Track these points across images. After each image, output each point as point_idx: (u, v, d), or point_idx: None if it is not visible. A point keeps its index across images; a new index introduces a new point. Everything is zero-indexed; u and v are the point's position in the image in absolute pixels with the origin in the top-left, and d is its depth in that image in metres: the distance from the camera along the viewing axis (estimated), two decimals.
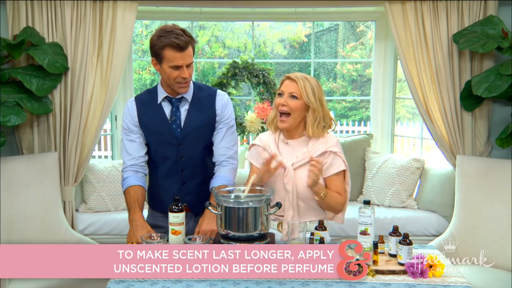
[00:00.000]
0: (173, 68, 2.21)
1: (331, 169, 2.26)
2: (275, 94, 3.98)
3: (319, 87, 2.29)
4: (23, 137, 3.45)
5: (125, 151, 2.39)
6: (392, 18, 3.46)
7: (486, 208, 3.21)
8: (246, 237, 2.01)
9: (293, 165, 2.25)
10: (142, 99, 2.39)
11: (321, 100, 2.28)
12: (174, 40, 2.15)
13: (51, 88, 3.32)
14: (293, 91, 2.24)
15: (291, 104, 2.24)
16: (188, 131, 2.33)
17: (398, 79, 4.17)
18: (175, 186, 2.36)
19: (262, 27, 9.67)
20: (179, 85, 2.26)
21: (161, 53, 2.19)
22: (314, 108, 2.24)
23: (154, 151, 2.39)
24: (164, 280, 1.85)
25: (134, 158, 2.37)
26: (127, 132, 2.38)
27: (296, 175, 2.25)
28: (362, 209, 2.05)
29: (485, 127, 3.48)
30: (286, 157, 2.29)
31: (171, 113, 2.35)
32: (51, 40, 3.37)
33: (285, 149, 2.32)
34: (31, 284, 2.84)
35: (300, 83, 2.23)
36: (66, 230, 3.34)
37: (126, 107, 2.40)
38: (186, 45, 2.18)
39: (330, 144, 2.27)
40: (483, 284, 2.77)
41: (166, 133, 2.33)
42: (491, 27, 3.21)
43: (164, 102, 2.36)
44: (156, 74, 9.82)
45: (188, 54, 2.20)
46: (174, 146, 2.33)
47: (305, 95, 2.23)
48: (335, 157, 2.27)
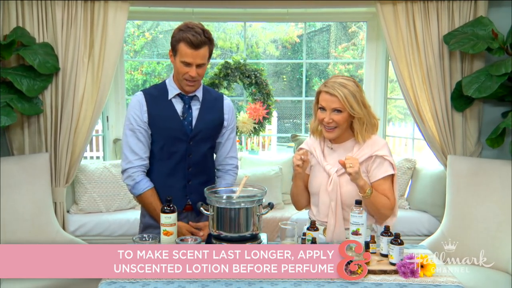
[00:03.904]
0: (183, 64, 2.20)
1: (378, 173, 2.19)
2: (267, 94, 4.02)
3: (358, 89, 2.17)
4: (13, 137, 3.43)
5: (130, 150, 2.33)
6: (384, 18, 3.47)
7: (477, 208, 3.23)
8: (238, 238, 2.01)
9: (337, 172, 2.21)
10: (151, 94, 2.35)
11: (364, 102, 2.17)
12: (190, 36, 2.15)
13: (41, 89, 3.30)
14: (336, 106, 2.14)
15: (336, 118, 2.15)
16: (200, 128, 2.33)
17: (390, 80, 4.19)
18: (180, 183, 2.34)
19: (254, 28, 9.67)
20: (186, 82, 2.26)
21: (176, 45, 2.20)
22: (359, 116, 2.16)
23: (161, 147, 2.34)
24: (156, 281, 1.84)
25: (141, 158, 2.33)
26: (134, 129, 2.32)
27: (341, 182, 2.20)
28: (354, 209, 2.06)
29: (476, 127, 3.51)
30: (331, 163, 2.24)
31: (183, 110, 2.33)
32: (41, 40, 3.35)
33: (330, 154, 2.27)
34: (22, 284, 2.82)
35: (341, 96, 2.12)
36: (57, 231, 3.32)
37: (135, 101, 2.33)
38: (200, 44, 2.17)
39: (377, 148, 2.19)
40: (474, 283, 2.78)
41: (177, 129, 2.31)
42: (481, 28, 3.23)
43: (175, 98, 2.33)
44: (148, 75, 9.80)
45: (201, 54, 2.19)
46: (184, 142, 2.32)
47: (348, 107, 2.13)
48: (382, 161, 2.19)
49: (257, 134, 4.10)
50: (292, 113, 10.38)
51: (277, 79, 10.31)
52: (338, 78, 2.18)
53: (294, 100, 10.18)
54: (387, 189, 2.19)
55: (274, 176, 3.83)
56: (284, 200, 3.89)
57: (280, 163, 3.98)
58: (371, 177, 2.20)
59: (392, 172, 2.20)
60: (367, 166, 2.21)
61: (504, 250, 3.04)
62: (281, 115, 10.14)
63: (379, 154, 2.18)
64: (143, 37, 9.69)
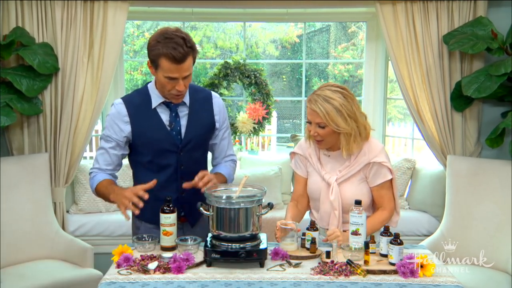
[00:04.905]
0: (168, 79, 2.05)
1: (377, 180, 2.21)
2: (267, 94, 4.02)
3: (346, 101, 2.11)
4: (13, 138, 3.43)
5: (102, 159, 2.22)
6: (383, 18, 3.47)
7: (476, 208, 3.23)
8: (238, 238, 2.01)
9: (337, 181, 2.21)
10: (133, 102, 2.20)
11: (352, 115, 2.11)
12: (171, 51, 1.98)
13: (41, 89, 3.30)
14: (318, 122, 2.12)
15: (321, 132, 2.14)
16: (190, 137, 2.21)
17: (389, 80, 4.19)
18: (172, 195, 2.16)
19: (254, 28, 9.67)
20: (172, 95, 2.13)
21: (157, 60, 2.03)
22: (345, 131, 2.12)
23: (149, 161, 2.21)
24: (156, 281, 1.85)
25: (112, 169, 2.24)
26: (110, 141, 2.20)
27: (341, 190, 2.21)
28: (353, 209, 2.06)
29: (475, 127, 3.51)
30: (329, 171, 2.25)
31: (170, 119, 2.19)
32: (41, 40, 3.35)
33: (327, 162, 2.27)
34: (23, 284, 2.82)
35: (322, 113, 2.08)
36: (56, 232, 3.32)
37: (114, 112, 2.19)
38: (184, 57, 2.01)
39: (374, 155, 2.18)
40: (474, 283, 2.78)
41: (165, 140, 2.18)
42: (481, 28, 3.23)
43: (160, 107, 2.19)
44: (148, 75, 9.79)
45: (185, 66, 2.04)
46: (174, 154, 2.20)
47: (331, 124, 2.10)
48: (379, 168, 2.19)
49: (256, 134, 4.09)
50: (292, 113, 10.39)
51: (277, 79, 10.31)
52: (324, 90, 2.13)
53: (294, 100, 10.18)
54: (384, 195, 2.23)
55: (274, 176, 3.83)
56: (284, 200, 3.89)
57: (280, 163, 3.97)
58: (370, 183, 2.23)
59: (390, 177, 2.22)
60: (365, 173, 2.23)
61: (504, 250, 3.04)
62: (280, 115, 10.15)
63: (376, 161, 2.19)
64: (142, 37, 9.68)
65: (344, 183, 2.22)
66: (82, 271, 3.10)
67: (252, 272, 1.93)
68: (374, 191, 2.24)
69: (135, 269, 1.93)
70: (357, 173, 2.22)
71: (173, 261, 1.94)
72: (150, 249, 2.12)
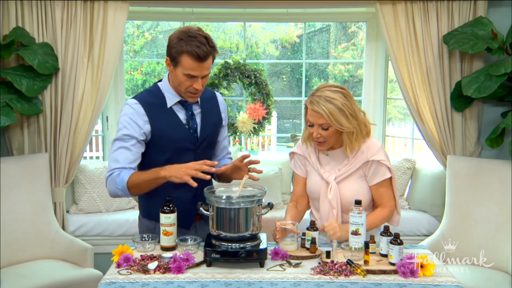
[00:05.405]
0: (187, 77, 2.06)
1: (376, 178, 2.20)
2: (267, 94, 4.01)
3: (347, 100, 2.11)
4: (13, 138, 3.43)
5: (123, 157, 2.11)
6: (383, 19, 3.47)
7: (476, 208, 3.24)
8: (238, 238, 2.01)
9: (336, 179, 2.22)
10: (148, 102, 2.16)
11: (353, 114, 2.12)
12: (195, 49, 2.00)
13: (41, 89, 3.30)
14: (322, 123, 2.11)
15: (324, 134, 2.14)
16: (205, 135, 2.24)
17: (389, 80, 4.19)
18: (188, 194, 2.18)
19: (254, 28, 9.66)
20: (189, 94, 2.13)
21: (178, 57, 2.04)
22: (348, 130, 2.13)
23: (167, 159, 2.14)
24: (156, 281, 1.85)
25: (134, 168, 2.13)
26: (129, 140, 2.12)
27: (340, 188, 2.22)
28: (353, 209, 2.06)
29: (475, 127, 3.51)
30: (328, 170, 2.25)
31: (187, 118, 2.21)
32: (41, 40, 3.35)
33: (326, 161, 2.27)
34: (23, 284, 2.82)
35: (326, 114, 2.08)
36: (57, 232, 3.32)
37: (131, 111, 2.13)
38: (206, 56, 2.03)
39: (372, 153, 2.18)
40: (474, 283, 2.78)
41: (184, 139, 2.18)
42: (481, 28, 3.23)
43: (176, 106, 2.20)
44: (148, 75, 9.79)
45: (206, 65, 2.06)
46: (192, 151, 2.21)
47: (335, 124, 2.10)
48: (378, 166, 2.19)
49: (256, 134, 4.09)
50: (292, 113, 10.38)
51: (277, 79, 10.31)
52: (324, 91, 2.12)
53: (294, 100, 10.18)
54: (383, 194, 2.23)
55: (274, 176, 3.83)
56: (284, 200, 3.89)
57: (280, 163, 3.97)
58: (369, 182, 2.23)
59: (389, 176, 2.22)
60: (364, 171, 2.23)
61: (504, 250, 3.04)
62: (280, 115, 10.14)
63: (375, 159, 2.19)
64: (142, 37, 9.68)
65: (343, 181, 2.23)
66: (82, 271, 3.10)
67: (252, 272, 1.93)
68: (373, 189, 2.24)
69: (135, 269, 1.93)
70: (356, 172, 2.22)
71: (173, 261, 1.94)
72: (150, 249, 2.12)
